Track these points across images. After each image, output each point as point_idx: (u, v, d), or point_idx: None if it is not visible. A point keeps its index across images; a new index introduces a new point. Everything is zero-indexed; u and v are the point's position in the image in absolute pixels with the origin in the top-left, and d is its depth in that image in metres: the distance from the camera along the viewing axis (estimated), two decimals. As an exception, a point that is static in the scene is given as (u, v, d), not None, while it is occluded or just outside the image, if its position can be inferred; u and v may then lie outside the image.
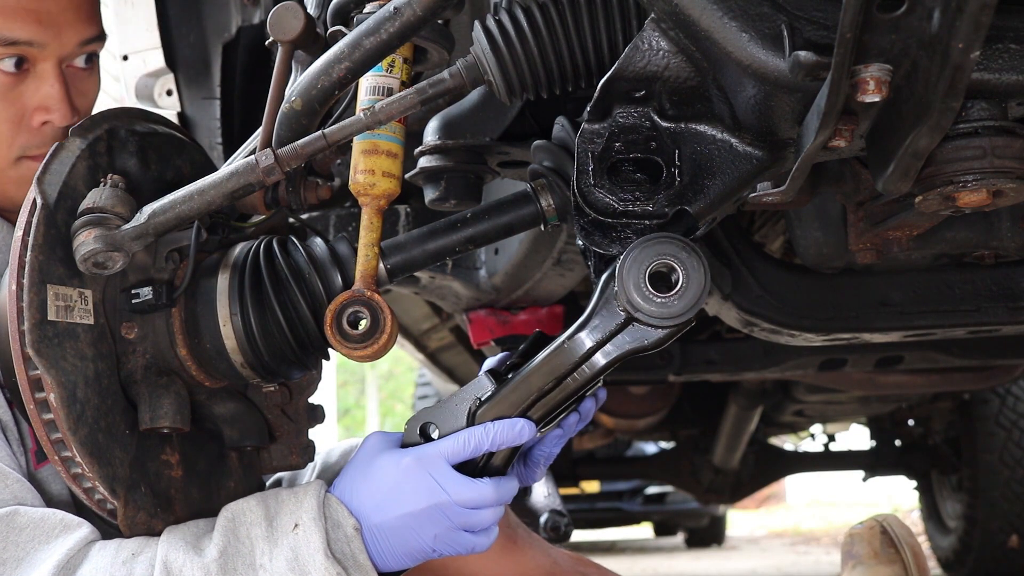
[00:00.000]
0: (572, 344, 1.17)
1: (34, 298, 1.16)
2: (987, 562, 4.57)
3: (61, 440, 1.17)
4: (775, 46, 1.01)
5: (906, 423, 5.16)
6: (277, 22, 1.23)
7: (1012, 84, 0.99)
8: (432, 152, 1.44)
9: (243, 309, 1.25)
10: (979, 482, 4.46)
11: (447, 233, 1.31)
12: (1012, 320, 1.90)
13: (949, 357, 2.44)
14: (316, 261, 1.28)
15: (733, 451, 4.68)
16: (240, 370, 1.27)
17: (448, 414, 1.22)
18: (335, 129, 1.16)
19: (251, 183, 1.19)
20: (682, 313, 1.12)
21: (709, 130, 1.14)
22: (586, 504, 8.50)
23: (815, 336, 1.95)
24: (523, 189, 1.33)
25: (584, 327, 1.17)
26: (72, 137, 1.25)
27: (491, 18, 1.18)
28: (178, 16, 2.30)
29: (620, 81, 1.11)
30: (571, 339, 1.17)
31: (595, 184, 1.13)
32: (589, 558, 1.69)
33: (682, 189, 1.13)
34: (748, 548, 9.69)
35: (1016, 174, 1.03)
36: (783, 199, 1.25)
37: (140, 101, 2.38)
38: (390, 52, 1.18)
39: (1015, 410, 4.38)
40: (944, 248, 1.72)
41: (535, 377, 1.19)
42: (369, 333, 1.22)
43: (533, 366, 1.19)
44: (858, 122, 1.02)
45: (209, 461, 1.32)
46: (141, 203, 1.22)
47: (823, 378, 3.37)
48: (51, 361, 1.16)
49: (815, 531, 11.25)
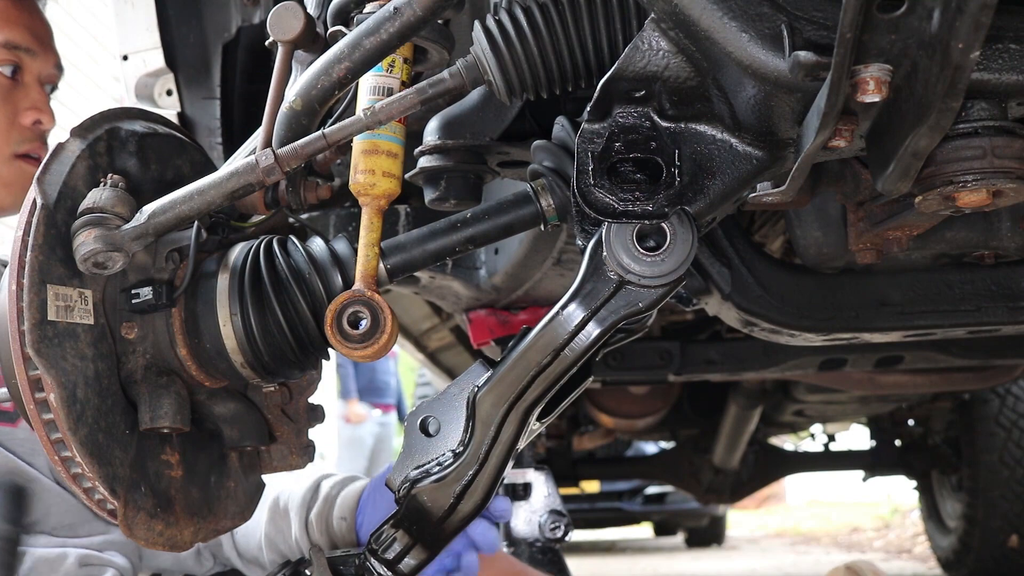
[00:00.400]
0: (565, 314, 1.16)
1: (34, 298, 1.16)
2: (987, 562, 4.57)
3: (61, 440, 1.17)
4: (775, 46, 1.01)
5: (906, 423, 5.16)
6: (277, 22, 1.23)
7: (1012, 84, 0.99)
8: (432, 152, 1.44)
9: (243, 309, 1.25)
10: (979, 482, 4.46)
11: (447, 233, 1.31)
12: (1012, 320, 1.90)
13: (949, 357, 2.44)
14: (316, 261, 1.28)
15: (733, 451, 4.68)
16: (240, 370, 1.27)
17: (447, 406, 1.22)
18: (335, 129, 1.16)
19: (251, 183, 1.19)
20: (673, 270, 1.11)
21: (709, 130, 1.14)
22: (586, 504, 8.50)
23: (815, 336, 1.95)
24: (523, 189, 1.33)
25: (576, 296, 1.16)
26: (72, 137, 1.25)
27: (491, 18, 1.18)
28: (178, 16, 2.30)
29: (620, 81, 1.11)
30: (564, 309, 1.16)
31: (595, 184, 1.13)
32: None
33: (682, 189, 1.13)
34: (748, 548, 9.69)
35: (1016, 174, 1.03)
36: (783, 199, 1.25)
37: (140, 101, 2.38)
38: (390, 52, 1.18)
39: (1015, 410, 4.38)
40: (944, 248, 1.72)
41: (531, 352, 1.17)
42: (369, 333, 1.22)
43: (527, 342, 1.18)
44: (858, 122, 1.02)
45: (209, 461, 1.32)
46: (141, 203, 1.22)
47: (823, 378, 3.37)
48: (51, 361, 1.16)
49: (815, 531, 11.25)
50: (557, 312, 1.16)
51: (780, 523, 12.99)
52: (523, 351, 1.18)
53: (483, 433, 1.20)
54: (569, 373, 1.19)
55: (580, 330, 1.16)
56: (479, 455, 1.21)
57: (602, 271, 1.14)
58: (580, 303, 1.15)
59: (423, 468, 1.22)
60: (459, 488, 1.21)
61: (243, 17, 2.25)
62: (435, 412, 1.22)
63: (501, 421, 1.20)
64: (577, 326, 1.16)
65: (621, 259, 1.12)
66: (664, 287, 1.13)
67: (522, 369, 1.18)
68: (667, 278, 1.12)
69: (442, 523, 1.22)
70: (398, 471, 1.23)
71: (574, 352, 1.17)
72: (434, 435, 1.23)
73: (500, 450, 1.21)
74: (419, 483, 1.21)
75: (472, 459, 1.21)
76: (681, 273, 1.12)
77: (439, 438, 1.23)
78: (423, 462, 1.23)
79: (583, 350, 1.17)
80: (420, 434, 1.23)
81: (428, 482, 1.21)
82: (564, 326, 1.16)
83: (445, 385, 1.31)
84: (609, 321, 1.15)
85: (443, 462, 1.22)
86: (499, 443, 1.21)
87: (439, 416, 1.22)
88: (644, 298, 1.14)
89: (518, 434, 1.22)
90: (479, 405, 1.19)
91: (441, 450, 1.22)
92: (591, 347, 1.17)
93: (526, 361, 1.18)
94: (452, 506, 1.22)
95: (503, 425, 1.20)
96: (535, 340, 1.18)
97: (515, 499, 2.49)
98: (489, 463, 1.21)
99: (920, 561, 6.97)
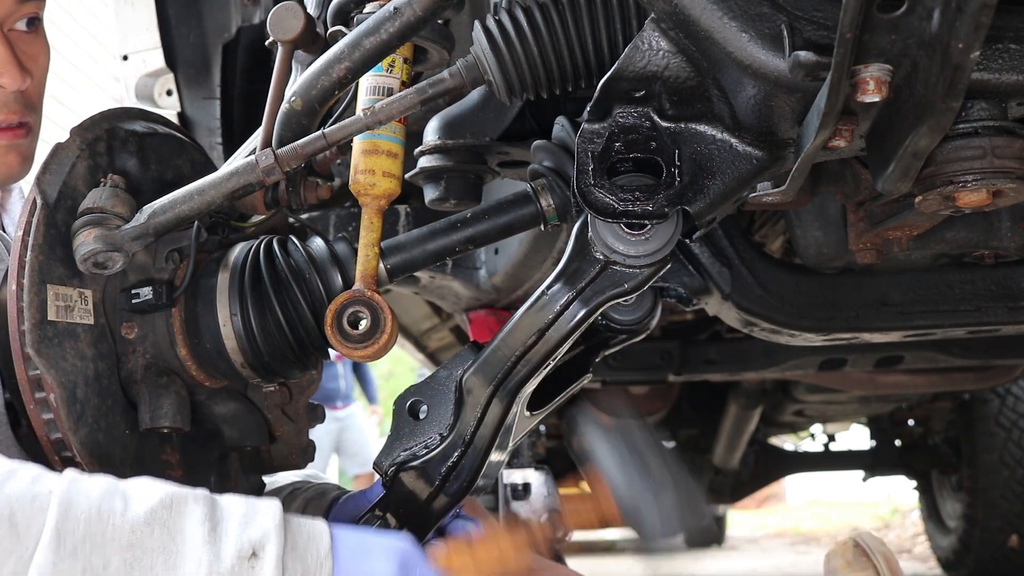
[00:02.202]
0: (551, 295, 1.16)
1: (34, 298, 1.16)
2: (987, 562, 4.57)
3: (61, 440, 1.17)
4: (775, 46, 1.01)
5: (906, 423, 5.16)
6: (277, 22, 1.23)
7: (1012, 84, 0.99)
8: (432, 152, 1.44)
9: (243, 309, 1.25)
10: (979, 482, 4.46)
11: (447, 233, 1.31)
12: (1012, 320, 1.90)
13: (949, 357, 2.44)
14: (316, 261, 1.28)
15: (733, 451, 4.68)
16: (240, 370, 1.27)
17: (435, 389, 1.22)
18: (335, 129, 1.16)
19: (251, 183, 1.19)
20: (658, 249, 1.11)
21: (709, 130, 1.14)
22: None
23: (815, 336, 1.95)
24: (523, 189, 1.33)
25: (560, 277, 1.16)
26: (72, 137, 1.25)
27: (491, 18, 1.18)
28: (178, 16, 2.30)
29: (620, 81, 1.11)
30: (549, 289, 1.16)
31: (595, 184, 1.13)
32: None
33: (682, 189, 1.13)
34: (748, 548, 9.69)
35: (1016, 174, 1.03)
36: (783, 199, 1.25)
37: (140, 101, 2.38)
38: (390, 52, 1.18)
39: (1015, 410, 4.38)
40: (944, 248, 1.73)
41: (516, 333, 1.17)
42: (369, 333, 1.22)
43: (512, 323, 1.17)
44: (858, 122, 1.02)
45: (209, 461, 1.32)
46: (141, 203, 1.22)
47: (823, 378, 3.37)
48: (51, 361, 1.16)
49: (815, 531, 11.25)
50: (542, 293, 1.16)
51: (780, 523, 12.99)
52: (508, 332, 1.18)
53: (469, 414, 1.20)
54: (555, 355, 1.19)
55: (564, 310, 1.16)
56: (464, 436, 1.21)
57: (587, 251, 1.15)
58: (565, 283, 1.15)
59: (410, 451, 1.22)
60: (444, 469, 1.21)
61: (243, 17, 2.25)
62: (423, 396, 1.22)
63: (487, 403, 1.20)
64: (561, 306, 1.16)
65: (606, 239, 1.12)
66: (649, 267, 1.13)
67: (507, 350, 1.18)
68: (652, 258, 1.12)
69: (428, 505, 1.22)
70: (385, 454, 1.23)
71: (559, 333, 1.17)
72: (422, 419, 1.23)
73: (486, 432, 1.21)
74: (406, 465, 1.22)
75: (458, 440, 1.21)
76: (666, 253, 1.11)
77: (427, 421, 1.23)
78: (410, 445, 1.22)
79: (568, 331, 1.16)
80: (408, 417, 1.23)
81: (415, 464, 1.21)
82: (548, 306, 1.16)
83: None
84: (594, 302, 1.15)
85: (430, 444, 1.22)
86: (485, 425, 1.21)
87: (427, 399, 1.22)
88: (629, 279, 1.14)
89: (504, 416, 1.22)
90: (465, 387, 1.19)
91: (429, 433, 1.22)
92: (575, 328, 1.16)
93: (511, 342, 1.18)
94: (438, 488, 1.21)
95: (488, 407, 1.20)
96: (520, 321, 1.17)
97: (515, 499, 2.49)
98: (474, 445, 1.21)
99: (920, 561, 6.97)
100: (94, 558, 0.96)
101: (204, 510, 1.02)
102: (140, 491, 1.02)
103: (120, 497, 1.01)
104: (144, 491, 1.02)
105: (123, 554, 0.97)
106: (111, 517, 0.99)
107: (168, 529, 1.00)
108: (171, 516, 1.01)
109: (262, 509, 1.05)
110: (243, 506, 1.05)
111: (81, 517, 0.97)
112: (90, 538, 0.97)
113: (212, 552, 1.00)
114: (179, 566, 0.99)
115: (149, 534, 0.99)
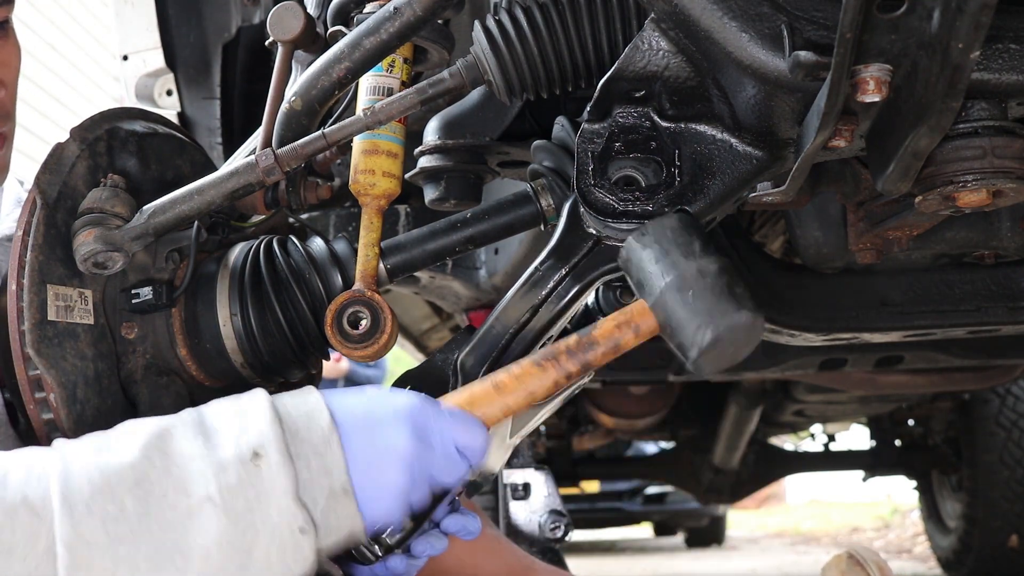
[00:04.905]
0: (544, 271, 1.16)
1: (34, 298, 1.16)
2: (987, 562, 4.57)
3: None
4: (775, 46, 1.01)
5: (906, 423, 5.16)
6: (277, 22, 1.23)
7: (1012, 84, 0.99)
8: (432, 152, 1.44)
9: (243, 309, 1.25)
10: (979, 482, 4.46)
11: (447, 233, 1.31)
12: (1012, 320, 1.90)
13: (949, 357, 2.44)
14: (316, 261, 1.28)
15: (733, 451, 4.68)
16: (240, 370, 1.27)
17: (431, 374, 1.22)
18: (335, 129, 1.16)
19: (251, 183, 1.19)
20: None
21: (709, 130, 1.14)
22: (586, 504, 8.50)
23: (815, 336, 1.95)
24: (523, 189, 1.33)
25: (553, 253, 1.16)
26: (72, 137, 1.25)
27: (491, 18, 1.18)
28: (178, 16, 2.30)
29: (620, 81, 1.11)
30: (542, 266, 1.16)
31: (595, 184, 1.13)
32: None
33: (682, 189, 1.13)
34: (748, 548, 9.69)
35: (1016, 174, 1.04)
36: (783, 199, 1.25)
37: (140, 101, 2.38)
38: (390, 52, 1.18)
39: (1015, 410, 4.38)
40: (944, 248, 1.72)
41: (510, 310, 1.17)
42: (369, 333, 1.22)
43: (507, 300, 1.17)
44: (858, 122, 1.02)
45: (209, 461, 1.32)
46: (141, 203, 1.22)
47: (823, 378, 3.37)
48: (51, 361, 1.16)
49: (815, 531, 11.25)
50: (535, 269, 1.16)
51: (780, 523, 12.99)
52: (502, 310, 1.18)
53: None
54: (549, 333, 1.19)
55: (557, 286, 1.16)
56: None
57: (579, 228, 1.15)
58: (558, 259, 1.15)
59: None
60: None
61: (243, 17, 2.25)
62: (420, 379, 1.22)
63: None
64: (555, 283, 1.16)
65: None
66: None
67: (501, 327, 1.18)
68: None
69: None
70: None
71: (552, 310, 1.17)
72: None
73: None
74: None
75: None
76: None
77: None
78: None
79: (561, 308, 1.16)
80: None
81: None
82: (542, 283, 1.16)
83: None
84: (586, 278, 1.15)
85: None
86: None
87: (424, 382, 1.22)
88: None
89: None
90: (461, 367, 1.19)
91: None
92: (569, 304, 1.16)
93: (505, 319, 1.18)
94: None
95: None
96: (514, 297, 1.17)
97: (515, 499, 2.49)
98: None
99: (920, 561, 6.97)
100: (109, 506, 0.99)
101: (192, 428, 1.04)
102: (127, 434, 1.04)
103: (110, 446, 1.03)
104: (131, 432, 1.05)
105: (134, 492, 1.00)
106: (108, 465, 1.01)
107: (166, 453, 1.02)
108: (163, 442, 1.03)
109: (250, 410, 1.05)
110: (230, 411, 1.06)
111: (83, 478, 1.00)
112: (98, 492, 0.99)
113: (214, 465, 1.01)
114: (187, 484, 1.01)
115: (150, 465, 1.01)
